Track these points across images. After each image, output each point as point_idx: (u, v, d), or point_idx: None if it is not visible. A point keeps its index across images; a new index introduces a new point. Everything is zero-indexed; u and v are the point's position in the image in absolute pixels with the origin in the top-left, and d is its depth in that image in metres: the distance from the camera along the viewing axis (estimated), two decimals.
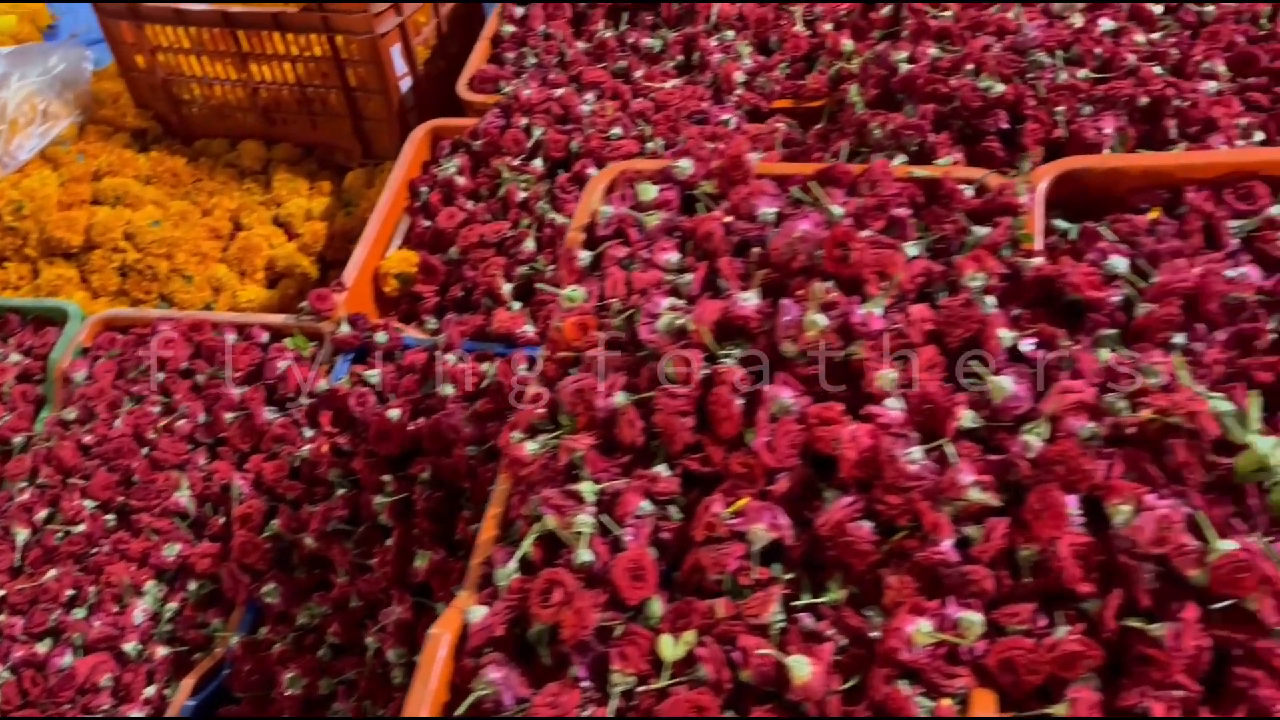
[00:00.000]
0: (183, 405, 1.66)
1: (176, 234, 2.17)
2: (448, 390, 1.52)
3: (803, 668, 0.86)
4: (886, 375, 0.97)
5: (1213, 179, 1.08)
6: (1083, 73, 1.56)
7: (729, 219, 1.15)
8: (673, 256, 1.15)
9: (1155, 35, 1.64)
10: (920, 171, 1.15)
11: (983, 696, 0.84)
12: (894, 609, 0.88)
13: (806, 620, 0.91)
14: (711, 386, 1.01)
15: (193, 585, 1.50)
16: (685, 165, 1.21)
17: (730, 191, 1.17)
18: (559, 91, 1.92)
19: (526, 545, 0.98)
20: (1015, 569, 0.89)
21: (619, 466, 1.02)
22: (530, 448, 1.06)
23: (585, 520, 0.97)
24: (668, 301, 1.08)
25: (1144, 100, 1.52)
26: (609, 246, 1.17)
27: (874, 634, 0.88)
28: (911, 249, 1.07)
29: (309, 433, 1.58)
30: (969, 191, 1.13)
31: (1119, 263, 1.02)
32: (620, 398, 1.03)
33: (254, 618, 1.46)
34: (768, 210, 1.12)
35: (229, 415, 1.61)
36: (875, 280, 1.01)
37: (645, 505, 0.98)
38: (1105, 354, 0.97)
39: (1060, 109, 1.49)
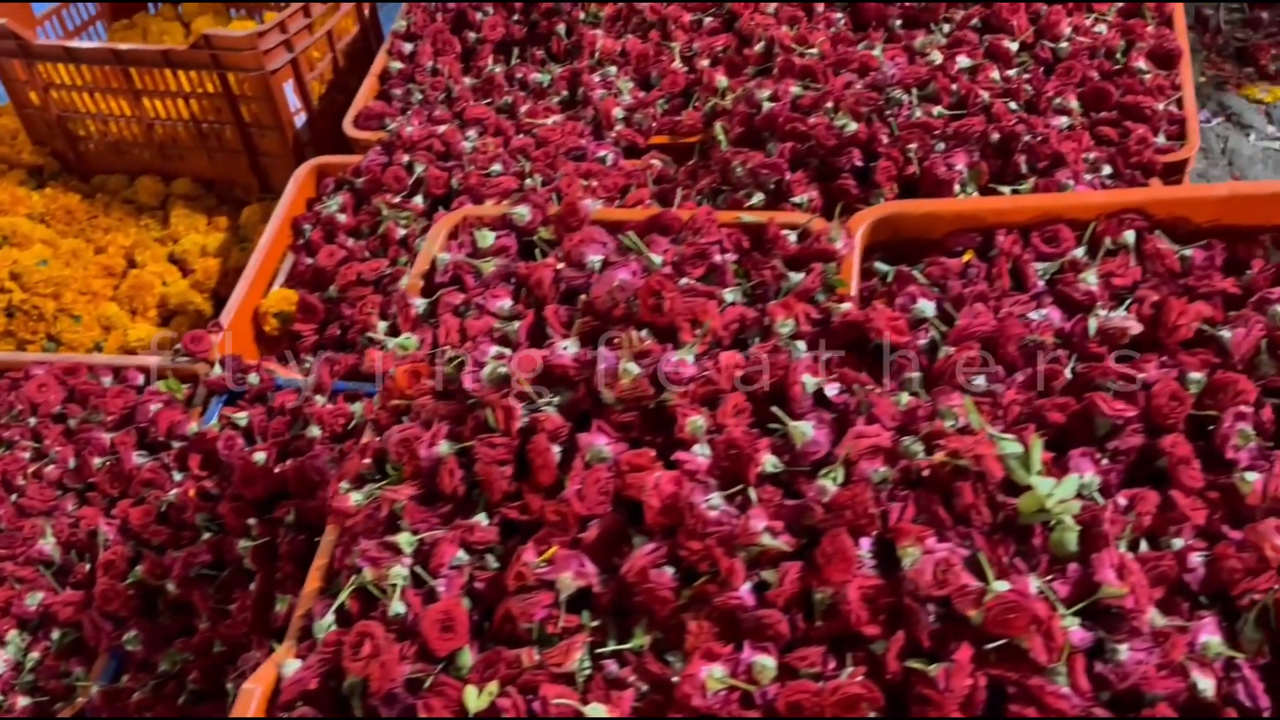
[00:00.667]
0: (53, 450, 1.65)
1: (65, 273, 2.15)
2: (314, 432, 1.52)
3: (599, 715, 0.88)
4: (695, 422, 1.00)
5: (1022, 222, 1.12)
6: (937, 110, 1.60)
7: (560, 266, 1.17)
8: (505, 303, 1.16)
9: (1011, 71, 1.69)
10: (748, 217, 1.18)
11: None
12: (691, 654, 0.90)
13: (611, 667, 0.93)
14: (531, 435, 1.02)
15: (55, 634, 1.48)
16: (523, 212, 1.23)
17: (565, 238, 1.19)
18: (441, 129, 1.93)
19: (342, 597, 0.99)
20: (810, 610, 0.91)
21: (439, 516, 1.03)
22: (355, 498, 1.07)
23: (399, 572, 0.98)
24: (494, 350, 1.09)
25: (995, 136, 1.56)
26: (445, 293, 1.18)
27: (674, 679, 0.90)
28: (729, 295, 1.09)
29: (179, 476, 1.57)
30: (793, 237, 1.16)
31: (926, 306, 1.06)
32: (443, 447, 1.05)
33: (117, 666, 1.45)
34: (594, 258, 1.14)
35: (98, 460, 1.60)
36: (688, 328, 1.04)
37: (461, 555, 1.00)
38: (905, 398, 1.00)
39: (913, 146, 1.52)
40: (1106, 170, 1.55)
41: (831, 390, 1.01)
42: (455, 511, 1.04)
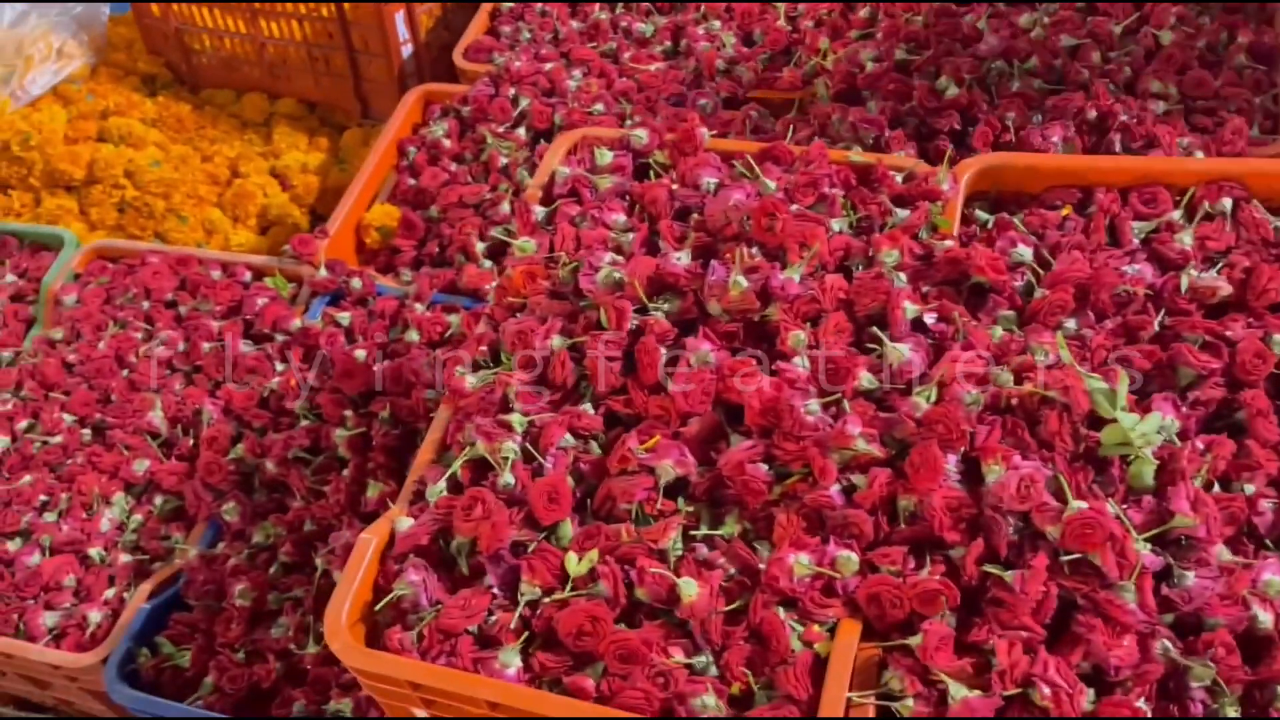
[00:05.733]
0: (164, 333, 1.75)
1: (175, 176, 2.25)
2: (413, 337, 1.60)
3: (691, 588, 0.95)
4: (797, 336, 1.06)
5: (1122, 183, 1.17)
6: (1038, 83, 1.64)
7: (675, 186, 1.24)
8: (619, 217, 1.23)
9: (1113, 54, 1.72)
10: (856, 156, 1.23)
11: (849, 625, 0.93)
12: (779, 544, 0.97)
13: (702, 549, 1.00)
14: (640, 336, 1.09)
15: (159, 500, 1.59)
16: (641, 135, 1.29)
17: (680, 162, 1.26)
18: (548, 66, 2.00)
19: (455, 465, 1.07)
20: (894, 516, 0.98)
21: (549, 403, 1.10)
22: (470, 381, 1.14)
23: (511, 447, 1.06)
24: (609, 257, 1.16)
25: (1093, 114, 1.60)
26: (562, 204, 1.25)
27: (761, 565, 0.97)
28: (836, 224, 1.15)
29: (280, 367, 1.66)
30: (899, 178, 1.21)
31: (1024, 251, 1.11)
32: (556, 340, 1.12)
33: (213, 534, 1.55)
34: (709, 180, 1.20)
35: (206, 345, 1.70)
36: (797, 249, 1.10)
37: (568, 438, 1.07)
38: (999, 331, 1.06)
39: (1011, 114, 1.57)
40: (1199, 155, 1.58)
41: (930, 319, 1.07)
42: (563, 400, 1.11)
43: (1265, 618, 0.91)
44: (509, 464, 1.05)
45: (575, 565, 0.98)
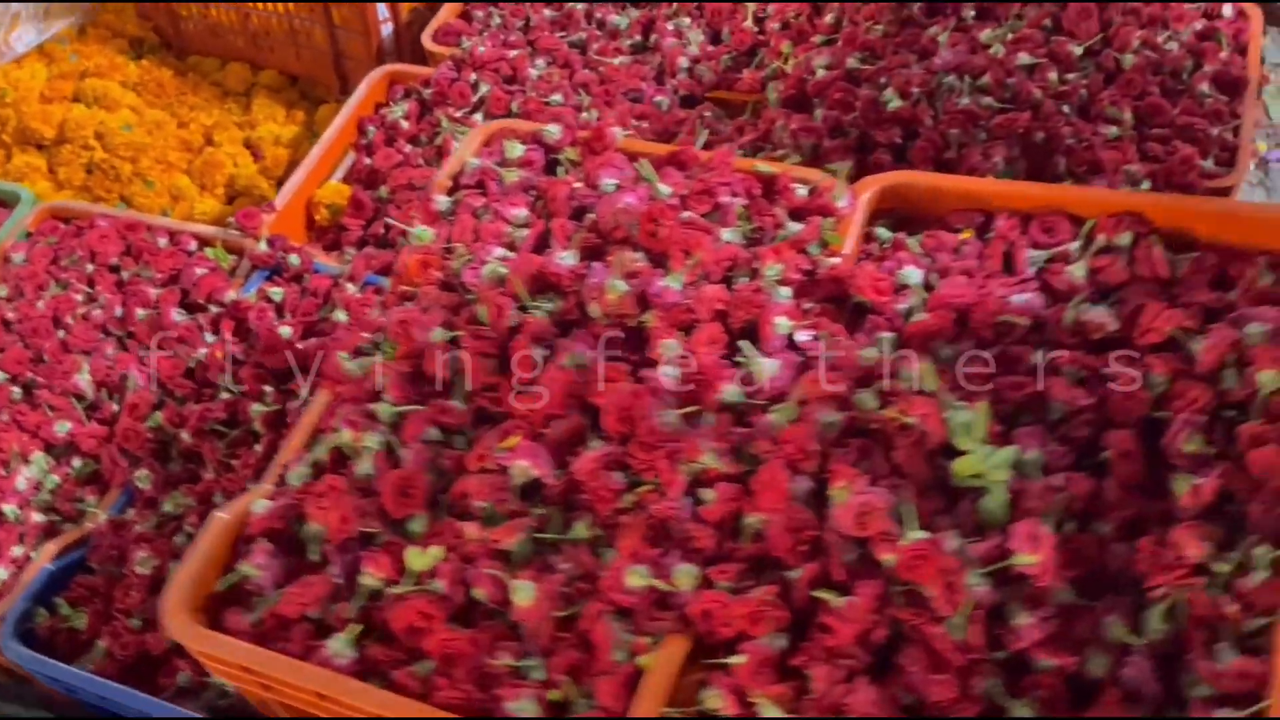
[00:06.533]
0: (103, 296, 1.76)
1: (145, 140, 2.26)
2: (340, 316, 1.60)
3: (525, 592, 0.94)
4: (669, 344, 1.05)
5: (1025, 209, 1.14)
6: (986, 101, 1.61)
7: (578, 185, 1.23)
8: (521, 212, 1.22)
9: (1071, 75, 1.69)
10: (763, 166, 1.22)
11: (677, 640, 0.92)
12: (621, 553, 0.96)
13: (546, 554, 0.99)
14: (517, 334, 1.09)
15: (77, 462, 1.60)
16: (554, 130, 1.28)
17: (587, 160, 1.25)
18: (512, 54, 1.99)
19: (319, 452, 1.07)
20: (740, 533, 0.97)
21: (421, 395, 1.10)
22: (349, 367, 1.14)
23: (373, 437, 1.06)
24: (499, 252, 1.16)
25: (1040, 135, 1.58)
26: (466, 195, 1.25)
27: (602, 573, 0.96)
28: (728, 234, 1.14)
29: (210, 338, 1.67)
30: (803, 191, 1.20)
31: (912, 273, 1.09)
32: (436, 333, 1.12)
33: (126, 500, 1.56)
34: (610, 181, 1.19)
35: (141, 312, 1.71)
36: (680, 257, 1.09)
37: (433, 432, 1.07)
38: (872, 353, 1.04)
39: (954, 131, 1.54)
40: (1145, 185, 1.56)
41: (803, 336, 1.06)
42: (437, 394, 1.11)
43: (1098, 662, 0.89)
44: (369, 454, 1.04)
45: (417, 559, 0.98)
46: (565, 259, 1.11)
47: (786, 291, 1.09)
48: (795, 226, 1.14)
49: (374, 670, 0.95)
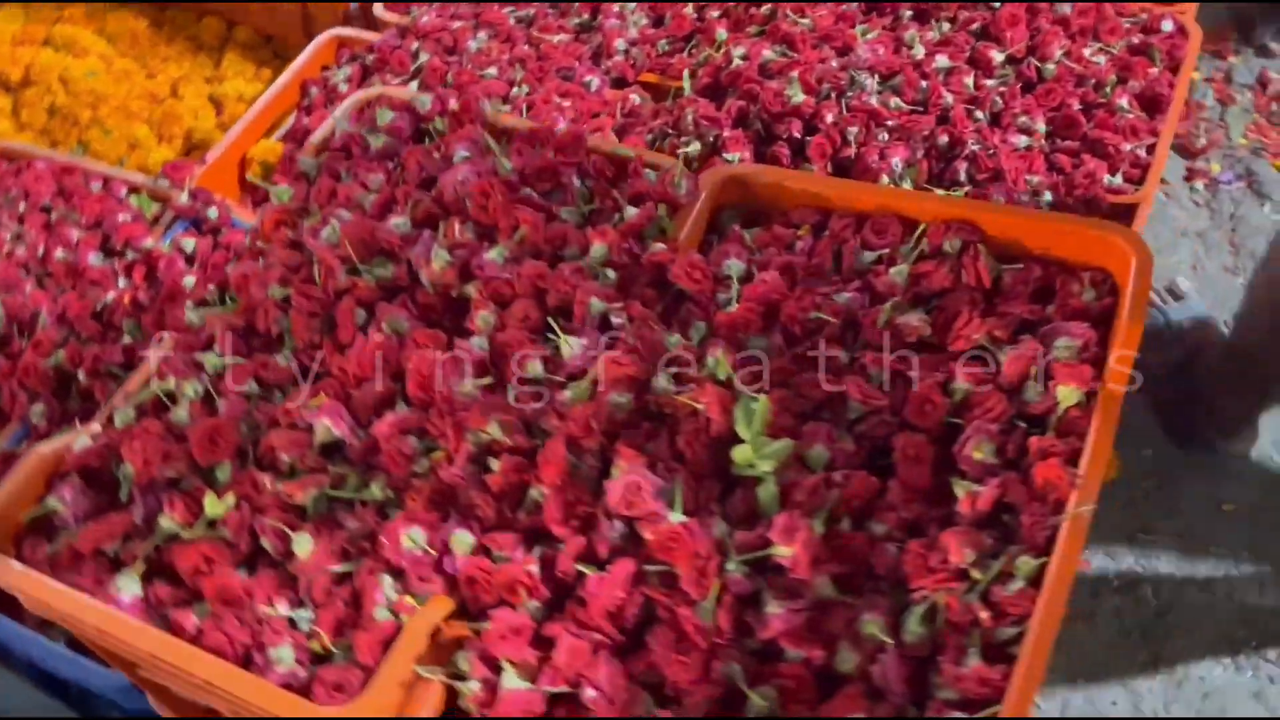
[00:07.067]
0: (29, 235, 1.81)
1: (110, 88, 2.31)
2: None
3: (305, 544, 0.97)
4: (485, 316, 1.07)
5: (863, 211, 1.15)
6: (895, 101, 1.61)
7: (437, 155, 1.25)
8: (378, 178, 1.25)
9: (989, 81, 1.68)
10: (620, 149, 1.23)
11: (439, 601, 0.95)
12: (403, 515, 0.98)
13: (340, 511, 1.02)
14: (344, 296, 1.11)
15: None
16: (425, 100, 1.31)
17: (452, 131, 1.27)
18: (456, 25, 2.01)
19: (141, 396, 1.10)
20: (524, 504, 0.99)
21: (250, 349, 1.13)
22: (189, 318, 1.17)
23: (194, 385, 1.09)
24: (345, 215, 1.18)
25: (944, 139, 1.57)
26: (329, 158, 1.27)
27: (381, 533, 0.98)
28: (566, 214, 1.16)
29: (123, 283, 1.71)
30: (653, 177, 1.21)
31: (734, 265, 1.10)
32: (273, 290, 1.14)
33: (23, 435, 1.61)
34: (463, 152, 1.21)
35: (60, 253, 1.76)
36: (507, 231, 1.11)
37: (252, 385, 1.10)
38: (677, 339, 1.05)
39: (854, 129, 1.55)
40: (1047, 196, 1.55)
41: (616, 319, 1.07)
42: (265, 349, 1.14)
43: (847, 657, 0.91)
44: (185, 401, 1.08)
45: (212, 506, 1.01)
46: (399, 225, 1.13)
47: (612, 274, 1.10)
48: (631, 211, 1.15)
49: (159, 609, 0.99)
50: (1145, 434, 1.82)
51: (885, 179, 1.51)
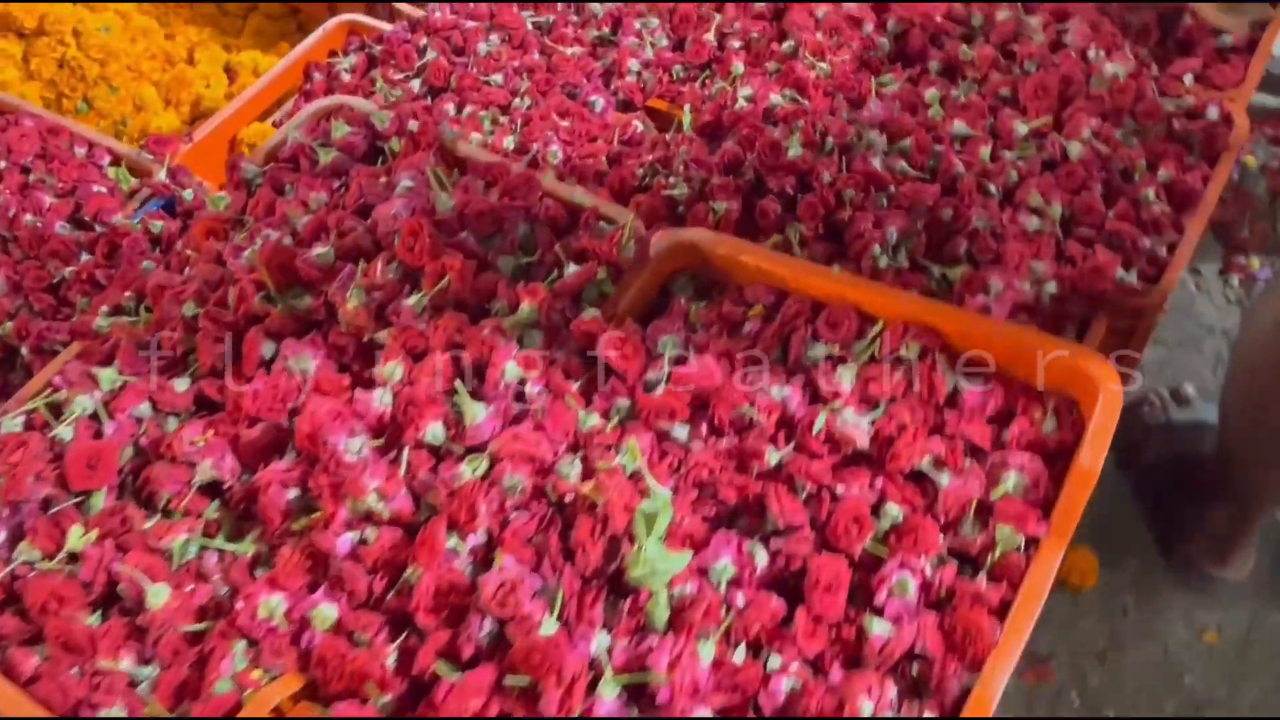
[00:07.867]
0: (3, 194, 1.76)
1: (122, 46, 2.27)
2: None
3: (159, 596, 0.90)
4: (392, 368, 1.00)
5: (819, 297, 1.06)
6: (901, 165, 1.51)
7: (383, 180, 1.17)
8: (321, 196, 1.17)
9: (1009, 154, 1.58)
10: (578, 196, 1.15)
11: (287, 680, 0.88)
12: (271, 578, 0.91)
13: (209, 559, 0.95)
14: (254, 323, 1.04)
15: None
16: (383, 117, 1.23)
17: (405, 155, 1.19)
18: (469, 24, 1.93)
19: (32, 405, 1.04)
20: (395, 582, 0.91)
21: (149, 368, 1.06)
22: (99, 324, 1.11)
23: (83, 401, 1.02)
24: (274, 235, 1.11)
25: (948, 212, 1.47)
26: (274, 169, 1.20)
27: (242, 595, 0.92)
28: (503, 263, 1.08)
29: (85, 258, 1.66)
30: (608, 229, 1.13)
31: (669, 342, 1.02)
32: (186, 307, 1.08)
33: None
34: (406, 183, 1.14)
35: (29, 218, 1.71)
36: (433, 278, 1.03)
37: (145, 408, 1.03)
38: (594, 419, 0.97)
39: (849, 192, 1.45)
40: (1050, 287, 1.44)
41: (533, 388, 0.99)
42: (170, 369, 1.07)
43: None
44: (71, 418, 1.01)
45: (75, 538, 0.95)
46: (322, 256, 1.05)
47: (539, 336, 1.02)
48: (571, 268, 1.06)
49: (1, 643, 0.93)
50: (1132, 541, 1.71)
51: (877, 249, 1.41)
